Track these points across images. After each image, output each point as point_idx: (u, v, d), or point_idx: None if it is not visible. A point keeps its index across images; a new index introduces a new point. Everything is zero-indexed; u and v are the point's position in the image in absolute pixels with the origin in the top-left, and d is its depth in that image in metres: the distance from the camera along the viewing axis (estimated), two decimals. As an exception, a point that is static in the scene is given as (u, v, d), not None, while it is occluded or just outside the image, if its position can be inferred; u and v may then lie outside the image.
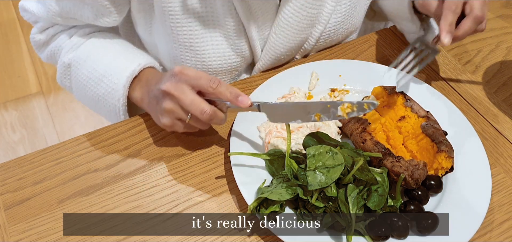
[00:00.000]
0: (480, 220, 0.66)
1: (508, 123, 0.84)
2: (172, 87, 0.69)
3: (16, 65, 2.37)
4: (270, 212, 0.65)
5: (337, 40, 0.96)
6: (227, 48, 0.86)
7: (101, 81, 0.82)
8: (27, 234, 0.67)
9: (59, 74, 0.90)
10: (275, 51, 0.89)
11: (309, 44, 0.92)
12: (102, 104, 0.84)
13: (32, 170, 0.75)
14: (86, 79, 0.84)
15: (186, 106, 0.70)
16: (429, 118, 0.76)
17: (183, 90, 0.69)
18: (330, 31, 0.92)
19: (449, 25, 0.75)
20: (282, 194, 0.65)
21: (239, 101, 0.69)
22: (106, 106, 0.83)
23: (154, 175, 0.75)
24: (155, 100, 0.74)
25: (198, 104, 0.69)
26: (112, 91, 0.81)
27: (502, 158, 0.78)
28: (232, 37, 0.85)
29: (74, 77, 0.87)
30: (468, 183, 0.71)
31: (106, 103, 0.83)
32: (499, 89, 0.90)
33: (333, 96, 0.85)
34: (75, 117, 2.16)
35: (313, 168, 0.64)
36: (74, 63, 0.86)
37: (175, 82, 0.70)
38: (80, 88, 0.86)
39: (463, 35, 0.77)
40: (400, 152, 0.73)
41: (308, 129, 0.76)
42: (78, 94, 0.89)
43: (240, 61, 0.89)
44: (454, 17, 0.76)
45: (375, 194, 0.65)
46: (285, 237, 0.64)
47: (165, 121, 0.72)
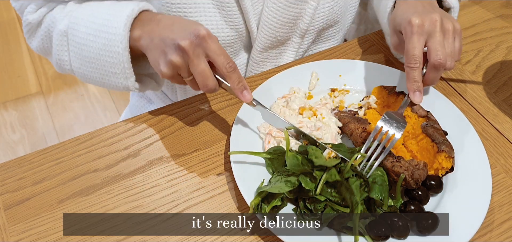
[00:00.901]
0: (480, 220, 0.66)
1: (508, 123, 0.84)
2: (191, 48, 0.68)
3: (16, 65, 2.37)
4: (272, 207, 0.65)
5: (334, 19, 0.97)
6: (220, 20, 0.87)
7: (100, 31, 0.78)
8: (27, 234, 0.67)
9: (56, 49, 0.84)
10: (270, 26, 0.89)
11: (304, 21, 0.92)
12: (104, 60, 0.79)
13: (32, 170, 0.75)
14: (84, 37, 0.80)
15: (194, 71, 0.70)
16: (429, 118, 0.76)
17: (198, 56, 0.69)
18: (324, 8, 0.93)
19: (414, 83, 0.75)
20: (281, 187, 0.65)
21: (243, 94, 0.71)
22: (108, 60, 0.78)
23: (154, 175, 0.75)
24: (162, 46, 0.72)
25: (206, 77, 0.70)
26: (113, 37, 0.77)
27: (503, 158, 0.78)
28: (225, 8, 0.86)
29: (72, 43, 0.82)
30: (468, 183, 0.71)
31: (107, 55, 0.78)
32: (499, 89, 0.90)
33: (333, 96, 0.85)
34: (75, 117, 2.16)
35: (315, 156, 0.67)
36: (71, 26, 0.81)
37: (195, 44, 0.69)
38: (79, 51, 0.81)
39: (430, 85, 0.78)
40: (400, 152, 0.73)
41: (308, 129, 0.76)
42: (77, 62, 0.83)
43: (235, 36, 0.89)
44: (417, 73, 0.74)
45: (375, 185, 0.65)
46: (285, 237, 0.63)
47: (165, 70, 0.71)
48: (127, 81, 0.80)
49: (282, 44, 0.95)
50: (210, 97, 0.86)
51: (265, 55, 0.95)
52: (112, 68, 0.79)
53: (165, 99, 1.08)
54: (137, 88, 0.82)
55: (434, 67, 0.74)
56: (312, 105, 0.82)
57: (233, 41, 0.90)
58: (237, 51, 0.94)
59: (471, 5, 1.09)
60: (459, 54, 0.77)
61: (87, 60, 0.81)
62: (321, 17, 0.94)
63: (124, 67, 0.78)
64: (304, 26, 0.93)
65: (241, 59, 0.96)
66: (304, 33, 0.95)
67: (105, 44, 0.78)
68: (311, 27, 0.94)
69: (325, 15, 0.94)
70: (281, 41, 0.94)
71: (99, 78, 0.82)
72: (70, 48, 0.83)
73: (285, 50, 0.96)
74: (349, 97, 0.85)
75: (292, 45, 0.96)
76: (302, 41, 0.96)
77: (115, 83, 0.81)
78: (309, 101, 0.84)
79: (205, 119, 0.83)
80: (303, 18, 0.92)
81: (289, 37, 0.94)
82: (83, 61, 0.82)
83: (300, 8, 0.90)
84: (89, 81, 0.85)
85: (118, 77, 0.80)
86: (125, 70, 0.78)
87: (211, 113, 0.84)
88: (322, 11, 0.93)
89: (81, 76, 0.85)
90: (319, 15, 0.93)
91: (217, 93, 0.86)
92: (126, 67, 0.78)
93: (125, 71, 0.78)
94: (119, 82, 0.81)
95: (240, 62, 0.97)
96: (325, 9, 0.93)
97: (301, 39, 0.95)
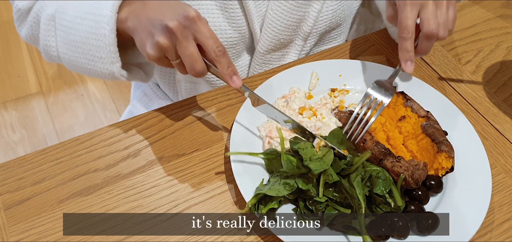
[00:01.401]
0: (480, 220, 0.66)
1: (508, 123, 0.84)
2: (179, 29, 0.66)
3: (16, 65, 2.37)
4: (268, 209, 0.65)
5: (337, 22, 0.96)
6: (223, 21, 0.86)
7: (88, 13, 0.75)
8: (27, 234, 0.67)
9: (43, 34, 0.81)
10: (273, 29, 0.89)
11: (308, 24, 0.92)
12: (90, 43, 0.75)
13: (32, 170, 0.75)
14: (71, 21, 0.77)
15: (181, 54, 0.67)
16: (429, 118, 0.76)
17: (187, 38, 0.66)
18: (327, 10, 0.92)
19: (406, 53, 0.75)
20: (279, 190, 0.65)
21: (232, 79, 0.69)
22: (95, 43, 0.75)
23: (154, 175, 0.75)
24: (149, 27, 0.69)
25: (195, 60, 0.67)
26: (100, 18, 0.73)
27: (503, 158, 0.78)
28: (228, 9, 0.85)
29: (59, 27, 0.78)
30: (468, 183, 0.71)
31: (94, 38, 0.75)
32: (499, 89, 0.90)
33: (333, 96, 0.85)
34: (75, 117, 2.17)
35: (309, 158, 0.66)
36: (59, 10, 0.78)
37: (183, 25, 0.66)
38: (66, 35, 0.78)
39: (423, 54, 0.78)
40: (400, 152, 0.73)
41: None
42: (64, 46, 0.79)
43: (238, 37, 0.89)
44: (409, 43, 0.75)
45: (378, 180, 0.65)
46: (285, 237, 0.63)
47: (152, 52, 0.68)
48: (113, 67, 0.76)
49: (285, 46, 0.94)
50: (210, 97, 0.86)
51: (268, 57, 0.95)
52: (98, 52, 0.76)
53: (165, 99, 1.08)
54: (123, 76, 0.78)
55: (426, 37, 0.74)
56: (312, 105, 0.82)
57: (236, 42, 0.90)
58: (240, 53, 0.94)
59: (471, 5, 1.09)
60: (452, 24, 0.77)
61: (73, 45, 0.78)
62: (324, 19, 0.93)
63: (110, 50, 0.74)
64: (308, 29, 0.92)
65: (243, 61, 0.96)
66: (307, 36, 0.94)
67: (92, 26, 0.74)
68: (314, 29, 0.94)
69: (328, 17, 0.94)
70: (284, 44, 0.93)
71: (85, 64, 0.79)
72: (57, 32, 0.79)
73: (287, 52, 0.96)
74: (349, 97, 0.85)
75: (294, 47, 0.96)
76: (305, 44, 0.96)
77: (101, 69, 0.78)
78: (309, 101, 0.84)
79: (205, 119, 0.83)
80: (307, 21, 0.91)
81: (292, 40, 0.94)
82: (69, 45, 0.79)
83: (304, 10, 0.90)
84: (75, 69, 0.82)
85: (104, 62, 0.76)
86: (111, 54, 0.75)
87: (211, 113, 0.84)
88: (326, 14, 0.93)
89: (67, 62, 0.81)
90: (322, 17, 0.93)
91: (217, 93, 0.86)
92: (112, 51, 0.74)
93: (111, 55, 0.75)
94: (105, 68, 0.77)
95: (242, 64, 0.97)
96: (329, 11, 0.93)
97: (304, 41, 0.95)
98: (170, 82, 1.04)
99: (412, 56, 0.75)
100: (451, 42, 0.99)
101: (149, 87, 1.10)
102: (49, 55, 0.83)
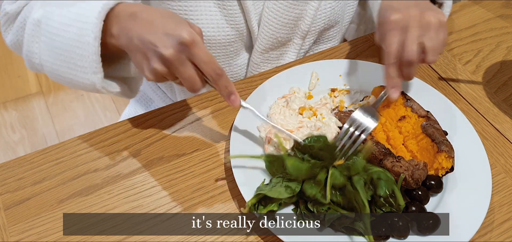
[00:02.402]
0: (480, 220, 0.66)
1: (508, 123, 0.83)
2: (175, 58, 0.65)
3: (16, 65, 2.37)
4: (268, 211, 0.65)
5: (334, 20, 0.97)
6: (221, 19, 0.86)
7: (74, 20, 0.72)
8: (27, 234, 0.67)
9: (27, 40, 0.77)
10: (270, 27, 0.89)
11: (305, 23, 0.92)
12: (73, 51, 0.72)
13: (32, 170, 0.75)
14: (57, 27, 0.74)
15: (180, 77, 0.67)
16: (429, 118, 0.76)
17: (183, 63, 0.66)
18: (325, 8, 0.93)
19: (390, 79, 0.75)
20: (280, 192, 0.65)
21: (231, 99, 0.70)
22: (78, 51, 0.72)
23: (154, 175, 0.74)
24: (143, 49, 0.67)
25: (193, 82, 0.67)
26: (85, 26, 0.70)
27: (503, 158, 0.78)
28: (226, 7, 0.85)
29: (44, 33, 0.75)
30: (468, 183, 0.71)
31: (77, 46, 0.72)
32: (499, 89, 0.90)
33: (333, 96, 0.85)
34: (75, 117, 2.17)
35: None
36: (45, 16, 0.75)
37: (179, 51, 0.65)
38: (50, 41, 0.75)
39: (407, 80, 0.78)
40: (400, 152, 0.73)
41: (308, 129, 0.76)
42: (47, 53, 0.76)
43: (236, 35, 0.89)
44: (392, 69, 0.74)
45: (380, 182, 0.65)
46: (285, 237, 0.63)
47: (150, 76, 0.68)
48: (95, 77, 0.73)
49: (283, 45, 0.94)
50: (210, 97, 0.86)
51: (266, 56, 0.95)
52: (80, 61, 0.72)
53: (165, 98, 1.08)
54: (104, 88, 0.76)
55: (405, 63, 0.73)
56: (312, 105, 0.82)
57: (234, 40, 0.90)
58: (238, 51, 0.94)
59: (471, 5, 1.09)
60: (442, 47, 0.75)
61: (56, 52, 0.74)
62: (322, 18, 0.94)
63: (93, 59, 0.71)
64: (305, 27, 0.93)
65: (241, 59, 0.96)
66: (305, 35, 0.94)
67: (77, 33, 0.71)
68: (312, 28, 0.94)
69: (326, 15, 0.94)
70: (282, 42, 0.93)
71: (66, 73, 0.75)
72: (41, 38, 0.76)
73: (286, 51, 0.96)
74: (349, 97, 0.85)
75: (293, 46, 0.96)
76: (303, 43, 0.96)
77: (82, 79, 0.74)
78: (309, 101, 0.84)
79: (205, 119, 0.83)
80: (304, 19, 0.92)
81: (290, 39, 0.94)
82: (52, 53, 0.75)
83: (301, 8, 0.90)
84: (57, 79, 0.79)
85: (86, 72, 0.73)
86: (93, 64, 0.72)
87: (211, 113, 0.84)
88: (324, 12, 0.93)
89: (49, 71, 0.78)
90: (320, 16, 0.93)
91: (217, 93, 0.86)
92: (94, 60, 0.71)
93: (94, 64, 0.72)
94: (86, 78, 0.74)
95: (241, 62, 0.97)
96: (326, 9, 0.93)
97: (302, 40, 0.95)
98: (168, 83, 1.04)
99: (398, 82, 0.75)
100: (451, 42, 0.99)
101: (149, 86, 1.10)
102: (31, 63, 0.80)
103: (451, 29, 1.03)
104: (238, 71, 0.97)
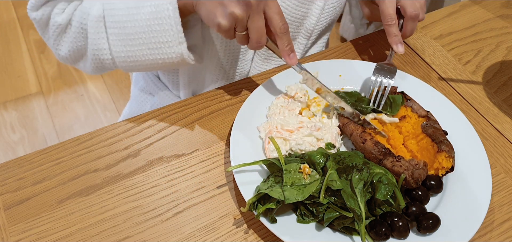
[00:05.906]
0: (480, 220, 0.66)
1: (508, 123, 0.84)
2: (255, 4, 0.68)
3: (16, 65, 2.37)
4: (266, 209, 0.65)
5: (334, 19, 0.98)
6: None
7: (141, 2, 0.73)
8: (27, 234, 0.67)
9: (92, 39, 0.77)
10: None
11: (311, 22, 0.93)
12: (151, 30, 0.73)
13: (32, 170, 0.75)
14: (125, 14, 0.74)
15: (251, 26, 0.69)
16: (429, 118, 0.76)
17: (260, 11, 0.69)
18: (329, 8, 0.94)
19: (395, 37, 0.84)
20: (280, 192, 0.65)
21: (290, 57, 0.74)
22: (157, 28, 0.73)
23: (154, 175, 0.75)
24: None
25: (261, 35, 0.70)
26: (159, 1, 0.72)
27: (503, 158, 0.78)
28: None
29: (110, 25, 0.76)
30: (468, 183, 0.71)
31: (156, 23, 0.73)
32: (499, 89, 0.90)
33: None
34: (75, 117, 2.17)
35: (290, 184, 0.66)
36: (107, 8, 0.76)
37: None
38: (120, 31, 0.75)
39: (409, 35, 0.88)
40: (400, 152, 0.73)
41: (308, 129, 0.76)
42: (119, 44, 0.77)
43: None
44: (395, 28, 0.84)
45: (380, 185, 0.65)
46: (285, 237, 0.63)
47: (224, 22, 0.68)
48: (181, 47, 0.75)
49: None
50: (210, 97, 0.86)
51: (269, 54, 0.95)
52: (162, 37, 0.74)
53: (166, 90, 1.07)
54: (190, 57, 0.77)
55: (411, 18, 0.84)
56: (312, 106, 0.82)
57: None
58: (246, 49, 0.94)
59: (471, 5, 1.09)
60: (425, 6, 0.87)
61: (131, 38, 0.75)
62: (326, 17, 0.94)
63: (177, 30, 0.73)
64: (311, 27, 0.93)
65: (249, 55, 0.96)
66: (310, 34, 0.95)
67: (152, 11, 0.72)
68: (317, 27, 0.95)
69: (329, 14, 0.95)
70: None
71: (147, 55, 0.76)
72: (108, 31, 0.77)
73: None
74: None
75: (297, 46, 0.96)
76: (307, 42, 0.96)
77: (168, 54, 0.76)
78: (309, 101, 0.84)
79: (205, 119, 0.83)
80: (310, 18, 0.92)
81: (295, 38, 0.94)
82: (126, 41, 0.76)
83: (307, 8, 0.91)
84: (133, 66, 0.79)
85: (171, 46, 0.74)
86: (178, 34, 0.73)
87: (211, 113, 0.84)
88: (328, 11, 0.94)
89: (124, 60, 0.79)
90: (324, 15, 0.94)
91: (217, 93, 0.86)
92: (178, 30, 0.73)
93: (178, 35, 0.73)
94: (172, 51, 0.75)
95: (248, 58, 0.96)
96: (330, 8, 0.94)
97: (307, 40, 0.96)
98: (170, 74, 1.04)
99: (400, 38, 0.85)
100: (451, 42, 0.99)
101: (150, 78, 1.10)
102: (101, 63, 0.80)
103: (451, 29, 1.03)
104: (241, 67, 0.97)
